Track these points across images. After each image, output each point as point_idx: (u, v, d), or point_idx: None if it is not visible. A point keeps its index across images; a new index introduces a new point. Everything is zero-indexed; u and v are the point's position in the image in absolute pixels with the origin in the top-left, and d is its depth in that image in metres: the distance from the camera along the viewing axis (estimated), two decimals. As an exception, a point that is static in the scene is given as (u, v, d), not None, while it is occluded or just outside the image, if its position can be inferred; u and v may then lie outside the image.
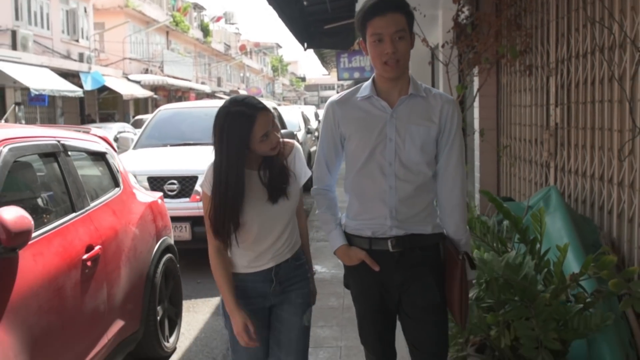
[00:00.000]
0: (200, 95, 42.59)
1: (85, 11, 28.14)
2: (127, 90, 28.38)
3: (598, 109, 4.06)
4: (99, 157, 4.25)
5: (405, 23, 2.57)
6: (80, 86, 24.04)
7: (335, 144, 2.75)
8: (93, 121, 27.37)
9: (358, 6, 11.41)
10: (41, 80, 20.61)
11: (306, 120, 16.20)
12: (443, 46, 6.27)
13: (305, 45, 14.15)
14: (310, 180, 2.83)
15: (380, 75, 2.64)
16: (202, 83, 44.59)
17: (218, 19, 54.22)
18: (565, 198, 4.49)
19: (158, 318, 4.33)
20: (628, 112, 3.58)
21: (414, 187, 2.63)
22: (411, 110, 2.64)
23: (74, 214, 3.50)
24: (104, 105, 29.66)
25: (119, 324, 3.79)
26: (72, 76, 23.92)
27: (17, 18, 22.16)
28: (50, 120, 24.29)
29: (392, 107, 2.64)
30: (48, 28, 24.65)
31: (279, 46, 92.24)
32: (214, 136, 2.58)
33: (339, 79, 17.52)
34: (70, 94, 22.61)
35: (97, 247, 3.52)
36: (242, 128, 2.51)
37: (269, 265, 2.72)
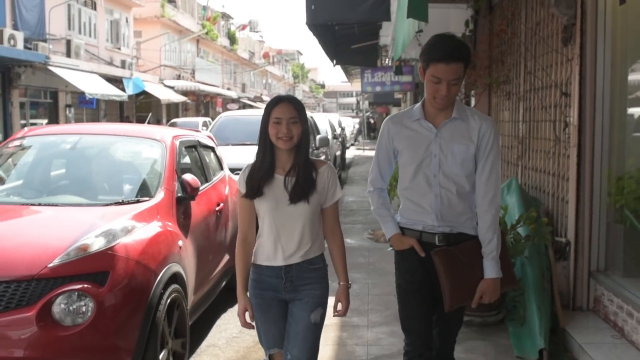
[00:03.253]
0: (226, 101, 44.86)
1: (127, 21, 30.48)
2: (164, 95, 30.72)
3: (543, 126, 6.11)
4: (211, 149, 6.36)
5: (463, 70, 2.97)
6: (123, 90, 26.35)
7: (388, 155, 3.21)
8: (130, 122, 29.63)
9: (382, 31, 13.46)
10: (93, 85, 22.87)
11: (333, 128, 18.30)
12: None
13: (335, 61, 16.16)
14: None
15: (429, 102, 3.08)
16: (228, 89, 46.83)
17: (244, 27, 56.39)
18: (523, 185, 6.54)
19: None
20: (552, 129, 5.66)
21: (455, 195, 3.05)
22: (453, 131, 3.05)
23: (207, 184, 5.61)
24: (140, 108, 31.96)
25: (226, 257, 5.88)
26: (115, 81, 26.18)
27: (69, 28, 24.47)
28: (94, 120, 26.51)
29: (437, 127, 3.07)
30: (95, 37, 26.94)
31: (299, 53, 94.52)
32: None
33: (362, 92, 19.64)
34: (117, 98, 24.92)
35: (221, 205, 5.64)
36: (267, 108, 3.00)
37: (280, 263, 3.04)
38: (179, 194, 4.76)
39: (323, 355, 4.70)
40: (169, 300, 4.05)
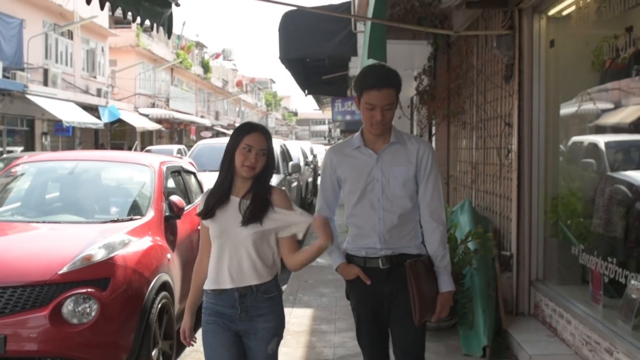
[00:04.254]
0: (200, 128, 45.44)
1: (103, 50, 31.05)
2: (139, 123, 31.23)
3: (491, 153, 6.84)
4: (193, 174, 6.97)
5: (395, 96, 3.09)
6: (99, 118, 26.83)
7: (333, 185, 3.30)
8: (105, 149, 30.04)
9: (352, 63, 14.22)
10: (70, 113, 23.33)
11: (305, 155, 19.01)
12: (408, 107, 9.07)
13: (306, 91, 16.89)
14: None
15: (367, 130, 3.19)
16: (202, 117, 47.39)
17: (217, 56, 57.12)
18: (476, 206, 7.25)
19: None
20: (497, 155, 6.39)
21: (397, 216, 3.15)
22: (393, 155, 3.16)
23: (190, 205, 6.21)
24: (115, 136, 32.41)
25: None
26: (91, 109, 26.64)
27: (46, 57, 24.96)
28: (69, 148, 26.86)
29: (377, 153, 3.17)
30: (71, 66, 27.43)
31: (272, 81, 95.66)
32: None
33: (333, 121, 20.41)
34: (93, 126, 25.42)
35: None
36: (239, 134, 3.02)
37: (230, 285, 3.00)
38: (167, 214, 5.37)
39: (295, 356, 5.31)
40: (159, 305, 4.64)
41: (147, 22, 5.18)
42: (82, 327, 4.02)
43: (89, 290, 4.09)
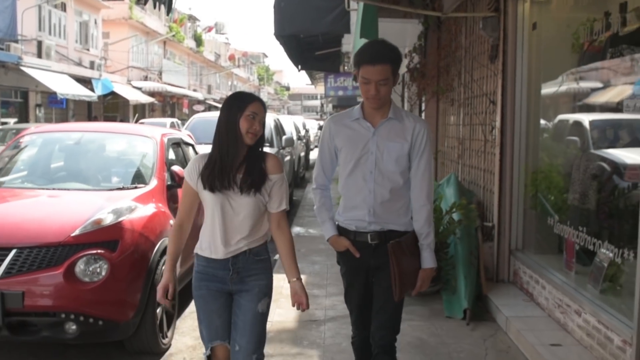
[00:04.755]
0: (192, 102, 45.51)
1: (96, 23, 31.05)
2: (132, 96, 31.36)
3: (476, 129, 7.17)
4: (191, 146, 7.26)
5: (391, 72, 3.14)
6: (92, 91, 26.97)
7: (330, 153, 3.38)
8: (98, 122, 30.18)
9: (345, 39, 14.46)
10: (64, 85, 23.47)
11: (297, 129, 19.30)
12: (399, 83, 9.37)
13: (300, 67, 17.11)
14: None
15: (365, 103, 3.29)
16: (194, 90, 47.44)
17: (209, 29, 56.87)
18: (462, 180, 7.60)
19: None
20: (482, 131, 6.73)
21: (389, 191, 3.23)
22: (389, 130, 3.24)
23: (189, 175, 6.52)
24: (107, 109, 32.52)
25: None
26: (84, 82, 26.76)
27: (40, 29, 25.00)
28: (63, 120, 27.03)
29: (374, 127, 3.25)
30: (64, 38, 27.47)
31: (265, 55, 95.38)
32: (220, 112, 3.12)
33: (326, 96, 20.72)
34: (86, 98, 25.57)
35: (201, 193, 6.55)
36: (242, 102, 3.09)
37: (222, 256, 3.12)
38: (169, 182, 5.68)
39: (288, 317, 5.68)
40: (163, 267, 4.95)
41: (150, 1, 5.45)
42: (93, 285, 4.35)
43: (99, 251, 4.41)
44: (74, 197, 5.18)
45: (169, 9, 6.60)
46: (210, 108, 46.65)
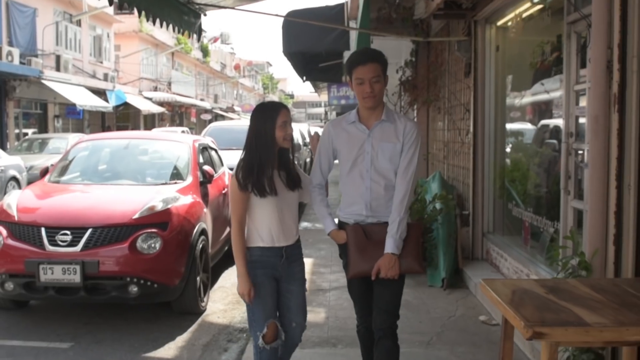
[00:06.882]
0: (200, 111, 46.90)
1: (108, 36, 32.51)
2: (144, 106, 32.81)
3: (456, 133, 8.46)
4: (215, 150, 8.55)
5: (381, 70, 3.42)
6: (107, 102, 28.37)
7: (328, 154, 3.65)
8: (112, 131, 31.57)
9: (346, 52, 15.73)
10: (81, 97, 24.85)
11: (303, 136, 20.58)
12: (393, 94, 10.67)
13: (304, 78, 18.37)
14: None
15: (361, 106, 3.51)
16: (202, 100, 48.85)
17: (215, 40, 58.32)
18: (447, 177, 8.89)
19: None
20: (459, 135, 8.03)
21: (383, 187, 3.48)
22: (383, 132, 3.48)
23: (216, 174, 7.82)
24: (120, 119, 33.93)
25: (227, 229, 8.05)
26: (99, 93, 28.14)
27: (57, 43, 26.41)
28: (79, 130, 28.37)
29: (369, 129, 3.48)
30: (80, 52, 28.90)
31: (269, 64, 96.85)
32: (250, 122, 3.44)
33: (329, 104, 22.05)
34: (102, 109, 26.99)
35: (224, 190, 7.85)
36: (273, 112, 3.41)
37: (284, 243, 3.52)
38: (201, 179, 6.98)
39: (300, 288, 6.98)
40: (200, 245, 6.26)
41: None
42: (150, 256, 5.64)
43: (154, 230, 5.70)
44: (129, 190, 6.50)
45: (199, 37, 7.62)
46: (216, 117, 48.04)
